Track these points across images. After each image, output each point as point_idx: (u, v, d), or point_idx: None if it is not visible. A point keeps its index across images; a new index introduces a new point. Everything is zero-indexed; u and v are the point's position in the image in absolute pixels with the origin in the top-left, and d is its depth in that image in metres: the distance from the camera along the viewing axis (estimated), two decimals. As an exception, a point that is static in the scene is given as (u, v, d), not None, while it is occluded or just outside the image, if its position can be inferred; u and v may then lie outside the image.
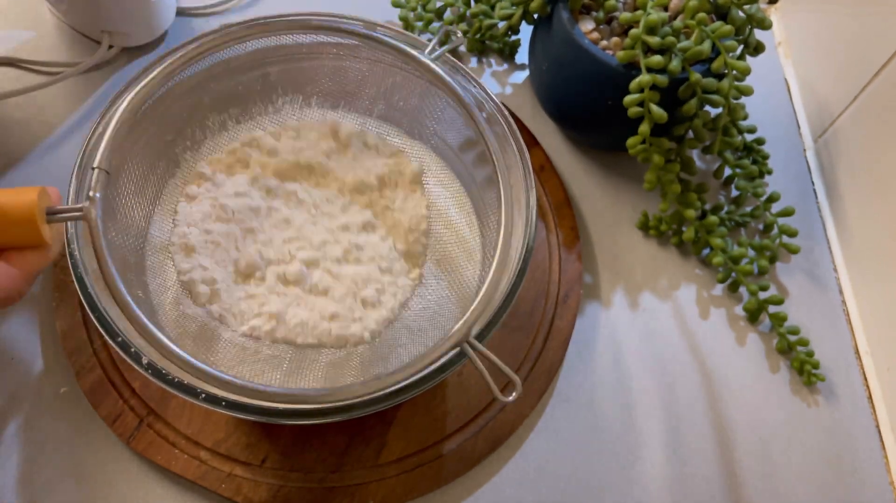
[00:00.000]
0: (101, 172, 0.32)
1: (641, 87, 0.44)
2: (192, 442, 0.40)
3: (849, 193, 0.52)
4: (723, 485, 0.43)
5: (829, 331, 0.49)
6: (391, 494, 0.40)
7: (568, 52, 0.48)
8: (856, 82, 0.51)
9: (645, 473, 0.43)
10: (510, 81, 0.58)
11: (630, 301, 0.49)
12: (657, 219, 0.51)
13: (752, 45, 0.47)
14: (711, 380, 0.47)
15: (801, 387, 0.47)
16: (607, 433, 0.44)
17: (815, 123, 0.58)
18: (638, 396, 0.45)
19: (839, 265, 0.52)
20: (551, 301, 0.47)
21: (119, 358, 0.41)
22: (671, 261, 0.51)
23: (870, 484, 0.44)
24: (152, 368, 0.32)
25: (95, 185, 0.31)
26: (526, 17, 0.52)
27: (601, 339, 0.47)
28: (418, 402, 0.43)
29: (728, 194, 0.54)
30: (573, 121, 0.53)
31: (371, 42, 0.40)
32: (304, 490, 0.40)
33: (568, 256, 0.49)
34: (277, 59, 0.42)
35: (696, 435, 0.45)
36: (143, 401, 0.41)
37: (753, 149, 0.54)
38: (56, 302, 0.43)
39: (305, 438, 0.41)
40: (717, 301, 0.50)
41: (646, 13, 0.44)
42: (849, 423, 0.46)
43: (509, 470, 0.42)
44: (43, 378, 0.42)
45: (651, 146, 0.47)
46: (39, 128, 0.51)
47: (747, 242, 0.50)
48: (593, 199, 0.53)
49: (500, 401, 0.32)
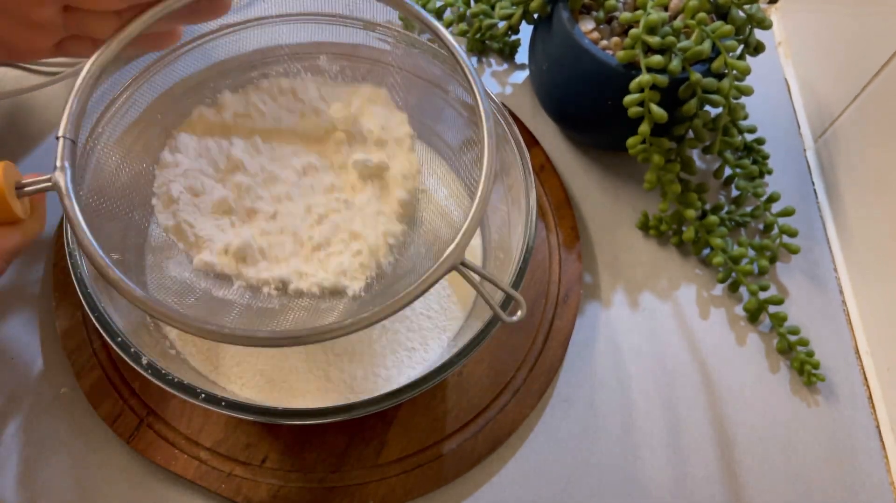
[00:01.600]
0: (67, 141, 0.31)
1: (641, 87, 0.44)
2: (192, 442, 0.40)
3: (849, 193, 0.52)
4: (723, 485, 0.43)
5: (829, 331, 0.49)
6: (391, 494, 0.40)
7: (568, 52, 0.48)
8: (856, 82, 0.51)
9: (645, 473, 0.43)
10: (510, 81, 0.58)
11: (630, 301, 0.49)
12: (657, 219, 0.51)
13: (752, 45, 0.47)
14: (711, 380, 0.46)
15: (801, 387, 0.47)
16: (607, 433, 0.44)
17: (815, 123, 0.58)
18: (638, 396, 0.45)
19: (839, 265, 0.52)
20: (551, 301, 0.47)
21: (119, 358, 0.41)
22: (671, 261, 0.51)
23: (870, 484, 0.44)
24: (152, 368, 0.33)
25: (62, 154, 0.31)
26: (526, 17, 0.52)
27: (601, 339, 0.47)
28: (418, 402, 0.43)
29: (728, 194, 0.54)
30: (573, 121, 0.53)
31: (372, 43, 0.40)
32: (304, 490, 0.40)
33: (568, 256, 0.49)
34: (277, 58, 0.42)
35: (696, 435, 0.45)
36: (142, 401, 0.41)
37: (753, 149, 0.54)
38: (56, 302, 0.43)
39: (305, 438, 0.41)
40: (717, 301, 0.50)
41: (646, 13, 0.44)
42: (849, 423, 0.46)
43: (509, 470, 0.42)
44: (43, 378, 0.42)
45: (651, 146, 0.47)
46: (39, 128, 0.51)
47: (747, 242, 0.50)
48: (593, 199, 0.53)
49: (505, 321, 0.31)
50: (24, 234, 0.30)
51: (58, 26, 0.32)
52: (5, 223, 0.30)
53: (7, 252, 0.30)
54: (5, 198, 0.29)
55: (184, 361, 0.39)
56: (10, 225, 0.30)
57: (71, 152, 0.31)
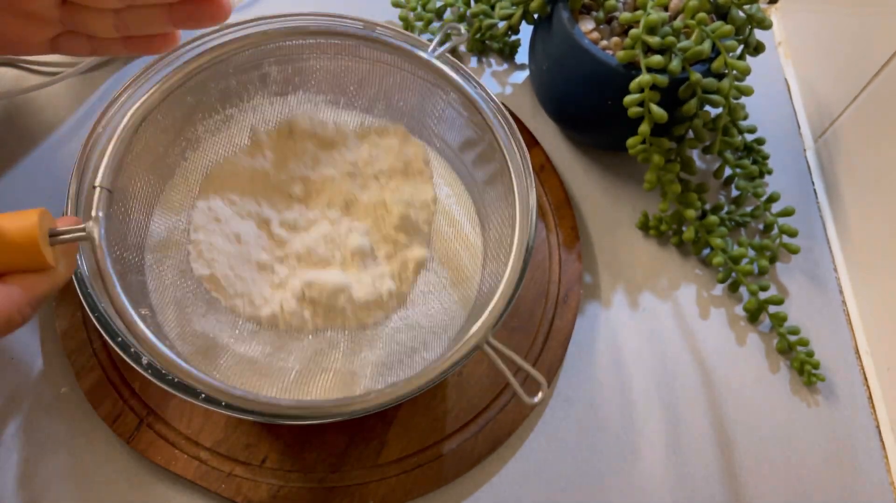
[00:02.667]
0: (104, 191, 0.31)
1: (641, 87, 0.44)
2: (192, 442, 0.40)
3: (849, 193, 0.52)
4: (723, 485, 0.43)
5: (829, 331, 0.49)
6: (391, 494, 0.40)
7: (568, 52, 0.48)
8: (856, 82, 0.51)
9: (645, 473, 0.43)
10: (510, 81, 0.58)
11: (630, 301, 0.49)
12: (657, 219, 0.51)
13: (752, 45, 0.47)
14: (711, 380, 0.47)
15: (801, 387, 0.47)
16: (607, 433, 0.44)
17: (815, 123, 0.58)
18: (638, 396, 0.45)
19: (839, 265, 0.52)
20: (551, 301, 0.47)
21: (119, 358, 0.41)
22: (671, 261, 0.51)
23: (870, 484, 0.44)
24: (152, 368, 0.33)
25: (98, 204, 0.31)
26: (526, 17, 0.52)
27: (601, 339, 0.47)
28: (418, 402, 0.43)
29: (728, 194, 0.54)
30: (573, 121, 0.53)
31: (372, 43, 0.40)
32: (304, 490, 0.40)
33: (568, 256, 0.49)
34: (277, 58, 0.42)
35: (696, 435, 0.45)
36: (142, 401, 0.41)
37: (753, 149, 0.54)
38: (56, 302, 0.43)
39: (305, 438, 0.41)
40: (717, 301, 0.50)
41: (646, 13, 0.44)
42: (849, 423, 0.46)
43: (509, 470, 0.42)
44: (43, 378, 0.42)
45: (651, 146, 0.47)
46: (39, 128, 0.51)
47: (747, 242, 0.50)
48: (593, 199, 0.53)
49: (526, 403, 0.32)
50: (53, 282, 0.29)
51: (54, 20, 0.32)
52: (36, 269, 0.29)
53: (35, 299, 0.29)
54: (38, 247, 0.28)
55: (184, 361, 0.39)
56: (41, 272, 0.29)
57: (107, 202, 0.31)
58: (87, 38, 0.34)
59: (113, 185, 0.32)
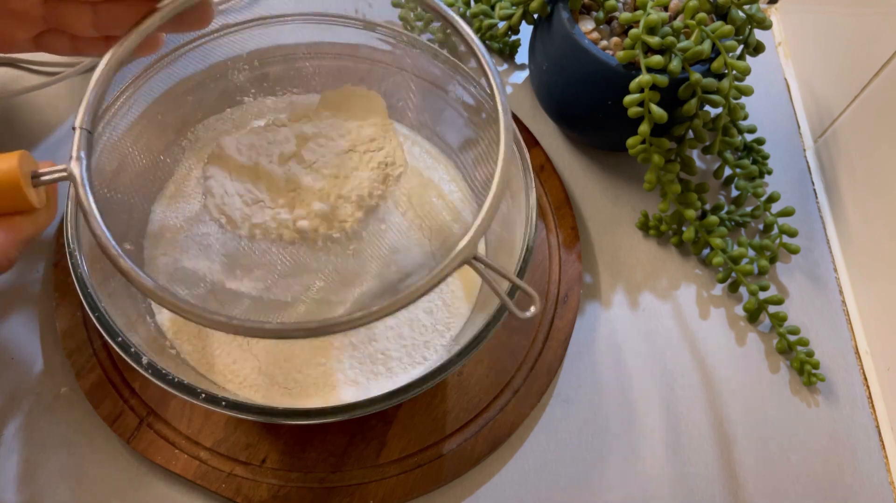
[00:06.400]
0: (83, 132, 0.31)
1: (641, 87, 0.44)
2: (192, 442, 0.40)
3: (849, 193, 0.52)
4: (723, 485, 0.43)
5: (829, 331, 0.49)
6: (391, 494, 0.40)
7: (568, 52, 0.48)
8: (856, 82, 0.51)
9: (645, 473, 0.43)
10: (510, 81, 0.58)
11: (630, 301, 0.49)
12: (657, 219, 0.51)
13: (752, 45, 0.47)
14: (711, 380, 0.47)
15: (801, 387, 0.47)
16: (607, 433, 0.44)
17: (815, 123, 0.58)
18: (638, 396, 0.45)
19: (839, 265, 0.52)
20: (551, 301, 0.47)
21: (119, 358, 0.41)
22: (671, 261, 0.51)
23: (870, 484, 0.44)
24: (152, 368, 0.33)
25: (79, 145, 0.30)
26: (526, 17, 0.52)
27: (601, 339, 0.47)
28: (418, 402, 0.43)
29: (728, 194, 0.54)
30: (573, 121, 0.53)
31: (372, 43, 0.40)
32: (304, 490, 0.40)
33: (568, 256, 0.49)
34: (277, 58, 0.42)
35: (696, 435, 0.45)
36: (143, 401, 0.41)
37: (753, 149, 0.54)
38: (56, 302, 0.43)
39: (305, 438, 0.41)
40: (717, 301, 0.50)
41: (646, 13, 0.44)
42: (849, 423, 0.46)
43: (509, 470, 0.42)
44: (43, 378, 0.42)
45: (651, 146, 0.47)
46: (39, 128, 0.51)
47: (747, 242, 0.50)
48: (593, 199, 0.53)
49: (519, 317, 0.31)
50: (36, 224, 0.30)
51: (37, 18, 0.32)
52: (20, 212, 0.30)
53: (20, 241, 0.29)
54: (21, 187, 0.28)
55: (183, 361, 0.39)
56: (24, 214, 0.30)
57: (87, 143, 0.31)
58: (70, 37, 0.34)
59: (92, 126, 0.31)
